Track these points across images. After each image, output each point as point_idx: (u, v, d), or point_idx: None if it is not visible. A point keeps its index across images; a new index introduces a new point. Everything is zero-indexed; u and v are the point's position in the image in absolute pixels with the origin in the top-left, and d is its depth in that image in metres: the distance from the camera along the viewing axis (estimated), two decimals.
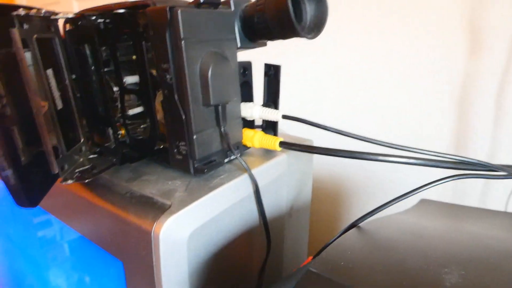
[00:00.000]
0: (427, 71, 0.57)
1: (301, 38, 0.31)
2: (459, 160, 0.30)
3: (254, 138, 0.36)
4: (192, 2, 0.29)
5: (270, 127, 0.38)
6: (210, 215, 0.30)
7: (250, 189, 0.34)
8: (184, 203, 0.28)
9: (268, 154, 0.38)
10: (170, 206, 0.28)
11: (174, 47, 0.28)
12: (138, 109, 0.35)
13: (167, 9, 0.27)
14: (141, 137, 0.35)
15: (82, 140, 0.34)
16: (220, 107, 0.31)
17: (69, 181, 0.30)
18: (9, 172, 0.25)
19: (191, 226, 0.28)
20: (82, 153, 0.34)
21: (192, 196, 0.29)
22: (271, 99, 0.37)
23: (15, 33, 0.24)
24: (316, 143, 0.37)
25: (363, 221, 0.32)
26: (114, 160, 0.33)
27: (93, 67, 0.33)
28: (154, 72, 0.32)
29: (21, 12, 0.25)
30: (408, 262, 0.24)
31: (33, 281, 0.50)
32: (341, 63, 0.66)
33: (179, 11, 0.26)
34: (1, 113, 0.25)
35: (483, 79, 0.53)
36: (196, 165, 0.32)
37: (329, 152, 0.31)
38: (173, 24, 0.27)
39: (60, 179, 0.30)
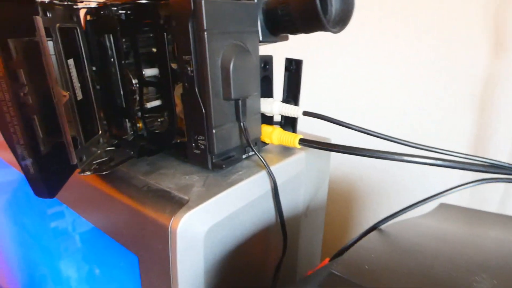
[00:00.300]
0: (449, 72, 0.56)
1: (326, 31, 0.30)
2: (489, 163, 0.28)
3: (272, 135, 0.35)
4: None
5: (289, 123, 0.37)
6: (227, 212, 0.29)
7: (268, 187, 0.33)
8: (202, 199, 0.28)
9: (286, 151, 0.37)
10: (188, 201, 0.27)
11: (196, 39, 0.27)
12: (156, 102, 0.34)
13: None
14: (158, 130, 0.35)
15: (100, 132, 0.34)
16: (240, 102, 0.30)
17: (87, 173, 0.30)
18: (29, 162, 0.25)
19: (208, 222, 0.28)
20: (99, 145, 0.34)
21: (210, 191, 0.29)
22: (291, 95, 0.36)
23: (39, 21, 0.24)
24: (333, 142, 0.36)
25: (384, 223, 0.31)
26: (132, 153, 0.33)
27: (112, 59, 0.33)
28: (173, 65, 0.31)
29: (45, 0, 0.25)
30: (435, 268, 0.23)
31: (46, 272, 0.50)
32: (359, 61, 0.65)
33: (202, 2, 0.26)
34: (23, 102, 0.24)
35: (506, 80, 0.51)
36: (214, 160, 0.31)
37: (351, 150, 0.30)
38: (197, 14, 0.26)
39: (78, 170, 0.30)
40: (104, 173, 0.30)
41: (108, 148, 0.35)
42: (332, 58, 0.68)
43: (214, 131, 0.30)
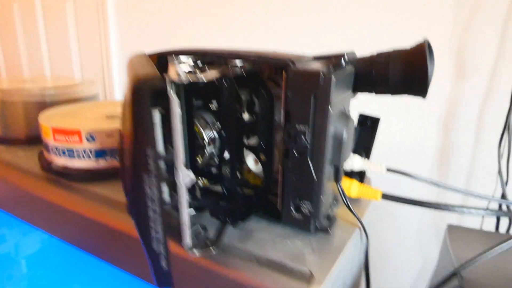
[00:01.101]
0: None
1: (416, 96, 0.32)
2: None
3: (351, 188, 0.36)
4: (332, 61, 0.28)
5: (357, 174, 0.39)
6: (343, 276, 0.30)
7: (359, 242, 0.34)
8: (324, 270, 0.28)
9: (354, 204, 0.38)
10: (311, 275, 0.27)
11: (317, 110, 0.27)
12: (252, 166, 0.33)
13: (321, 72, 0.26)
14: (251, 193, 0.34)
15: None
16: (340, 165, 0.31)
17: (196, 253, 0.28)
18: (163, 257, 0.22)
19: None
20: None
21: (325, 259, 0.29)
22: (363, 148, 0.38)
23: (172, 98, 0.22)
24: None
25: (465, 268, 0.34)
26: (227, 219, 0.31)
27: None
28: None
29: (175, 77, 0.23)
30: None
31: None
32: None
33: (333, 77, 0.26)
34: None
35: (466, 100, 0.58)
36: (318, 224, 0.31)
37: (437, 207, 0.33)
38: (324, 88, 0.26)
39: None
40: (213, 250, 0.28)
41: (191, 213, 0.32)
42: None
43: (322, 197, 0.30)
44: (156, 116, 0.23)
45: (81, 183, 0.42)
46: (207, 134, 0.33)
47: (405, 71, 0.30)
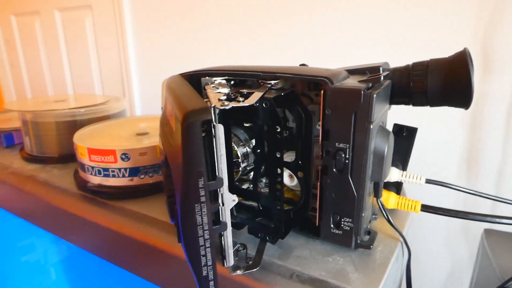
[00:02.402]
0: None
1: (455, 107, 0.31)
2: None
3: (389, 200, 0.36)
4: (371, 79, 0.28)
5: (393, 185, 0.38)
6: None
7: (401, 256, 0.33)
8: None
9: (393, 214, 0.38)
10: None
11: (357, 128, 0.27)
12: (287, 182, 0.33)
13: (362, 91, 0.26)
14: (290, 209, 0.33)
15: None
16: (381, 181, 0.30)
17: (238, 272, 0.28)
18: (212, 282, 0.23)
19: None
20: None
21: (370, 277, 0.28)
22: (400, 159, 0.37)
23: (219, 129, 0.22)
24: None
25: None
26: (268, 238, 0.31)
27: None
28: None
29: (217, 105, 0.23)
30: None
31: None
32: None
33: (374, 96, 0.25)
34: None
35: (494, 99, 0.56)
36: (359, 241, 0.31)
37: (481, 219, 0.32)
38: (364, 107, 0.26)
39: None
40: (255, 269, 0.28)
41: None
42: None
43: (363, 213, 0.29)
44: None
45: (116, 201, 0.43)
46: (241, 151, 0.33)
47: (446, 82, 0.29)
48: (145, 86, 1.02)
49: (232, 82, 0.33)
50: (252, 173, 0.35)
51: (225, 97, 0.26)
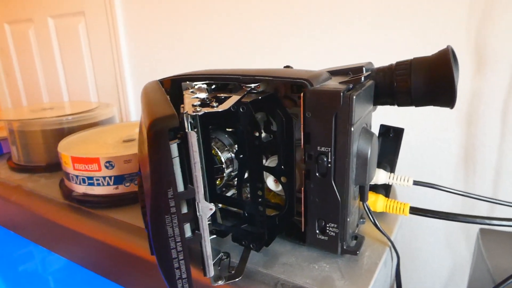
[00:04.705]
0: None
1: (439, 106, 0.30)
2: None
3: (377, 203, 0.35)
4: (352, 79, 0.27)
5: (382, 188, 0.37)
6: None
7: (390, 261, 0.32)
8: None
9: (381, 217, 0.37)
10: None
11: (339, 131, 0.26)
12: (272, 186, 0.32)
13: (341, 93, 0.25)
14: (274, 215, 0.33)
15: None
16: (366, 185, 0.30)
17: (220, 282, 0.27)
18: None
19: None
20: None
21: (357, 284, 0.27)
22: (386, 160, 0.36)
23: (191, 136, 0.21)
24: None
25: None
26: (252, 245, 0.30)
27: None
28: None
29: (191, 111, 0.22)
30: None
31: None
32: None
33: (354, 97, 0.25)
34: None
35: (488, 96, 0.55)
36: (345, 246, 0.30)
37: (470, 220, 0.31)
38: (344, 109, 0.25)
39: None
40: (238, 279, 0.27)
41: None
42: None
43: (348, 219, 0.29)
44: (174, 150, 0.22)
45: (102, 210, 0.42)
46: (225, 156, 0.32)
47: (429, 81, 0.28)
48: (140, 92, 1.02)
49: (214, 87, 0.33)
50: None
51: (199, 103, 0.25)
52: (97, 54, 1.07)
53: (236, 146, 0.33)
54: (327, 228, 0.29)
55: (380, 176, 0.34)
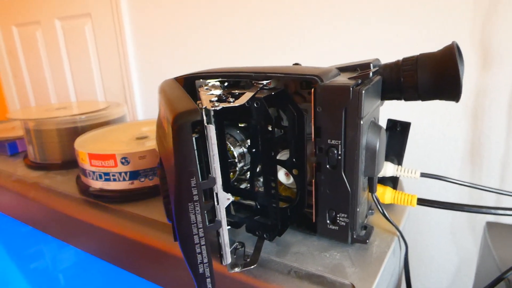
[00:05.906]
0: None
1: (446, 100, 0.31)
2: None
3: (385, 195, 0.36)
4: (360, 75, 0.28)
5: (389, 180, 0.38)
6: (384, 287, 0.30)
7: (398, 250, 0.34)
8: (367, 283, 0.28)
9: (390, 209, 0.38)
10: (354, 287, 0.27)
11: (348, 125, 0.27)
12: (283, 179, 0.33)
13: (351, 88, 0.26)
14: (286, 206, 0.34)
15: None
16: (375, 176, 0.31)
17: (236, 269, 0.28)
18: (209, 280, 0.23)
19: None
20: None
21: (366, 271, 0.29)
22: (394, 154, 0.37)
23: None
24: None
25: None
26: (265, 235, 0.31)
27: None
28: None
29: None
30: None
31: None
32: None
33: (363, 92, 0.26)
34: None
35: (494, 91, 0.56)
36: (355, 236, 0.31)
37: (477, 210, 0.32)
38: (354, 103, 0.26)
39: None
40: (253, 266, 0.29)
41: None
42: None
43: (358, 209, 0.30)
44: (194, 143, 0.23)
45: (118, 204, 0.43)
46: (237, 151, 0.34)
47: (435, 76, 0.29)
48: (146, 91, 1.03)
49: (226, 84, 0.34)
50: (249, 173, 0.35)
51: (216, 98, 0.27)
52: (104, 55, 1.09)
53: (248, 141, 0.34)
54: (338, 218, 0.31)
55: (388, 169, 0.35)
